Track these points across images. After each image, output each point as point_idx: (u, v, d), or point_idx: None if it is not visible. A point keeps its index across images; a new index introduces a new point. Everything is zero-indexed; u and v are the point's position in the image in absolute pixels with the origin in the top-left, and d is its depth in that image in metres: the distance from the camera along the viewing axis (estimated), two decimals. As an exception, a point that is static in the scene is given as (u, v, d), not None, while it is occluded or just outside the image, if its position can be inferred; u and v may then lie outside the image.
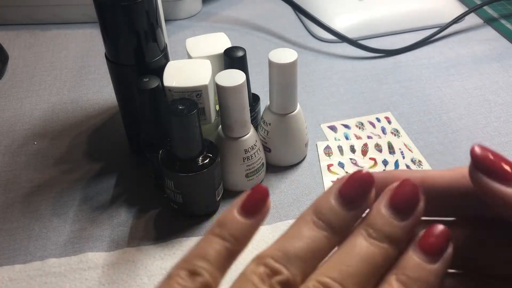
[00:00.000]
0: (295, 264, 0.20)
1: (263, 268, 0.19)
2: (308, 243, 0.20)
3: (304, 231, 0.20)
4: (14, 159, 0.48)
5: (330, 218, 0.20)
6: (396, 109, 0.52)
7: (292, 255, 0.20)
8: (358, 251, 0.20)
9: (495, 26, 0.65)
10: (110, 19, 0.38)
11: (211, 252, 0.20)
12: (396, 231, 0.20)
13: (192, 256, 0.20)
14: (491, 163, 0.19)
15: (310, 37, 0.64)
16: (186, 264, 0.20)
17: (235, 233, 0.21)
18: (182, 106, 0.35)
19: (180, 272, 0.20)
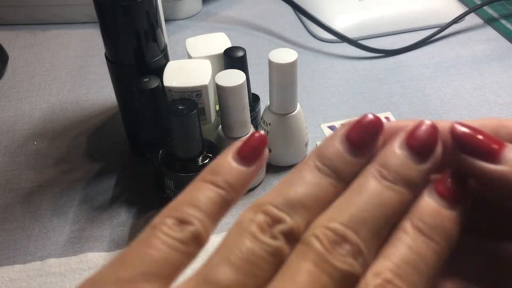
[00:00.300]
0: (299, 212, 0.17)
1: (262, 216, 0.17)
2: (313, 189, 0.18)
3: (307, 176, 0.18)
4: (14, 159, 0.48)
5: (336, 164, 0.18)
6: (396, 109, 0.52)
7: (296, 202, 0.17)
8: (371, 194, 0.17)
9: (495, 26, 0.65)
10: (110, 19, 0.38)
11: (203, 199, 0.18)
12: (413, 174, 0.18)
13: (181, 203, 0.18)
14: (476, 142, 0.18)
15: (310, 37, 0.64)
16: (173, 211, 0.18)
17: (230, 180, 0.18)
18: (182, 106, 0.35)
19: (166, 220, 0.17)
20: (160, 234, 0.17)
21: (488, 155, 0.18)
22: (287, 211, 0.17)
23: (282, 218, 0.17)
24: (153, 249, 0.16)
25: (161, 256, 0.16)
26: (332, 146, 0.19)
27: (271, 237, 0.17)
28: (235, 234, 0.17)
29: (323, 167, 0.18)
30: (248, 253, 0.16)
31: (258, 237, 0.17)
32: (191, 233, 0.17)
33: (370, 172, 0.18)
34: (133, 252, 0.17)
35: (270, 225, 0.17)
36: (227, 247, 0.17)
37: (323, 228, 0.17)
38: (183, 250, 0.17)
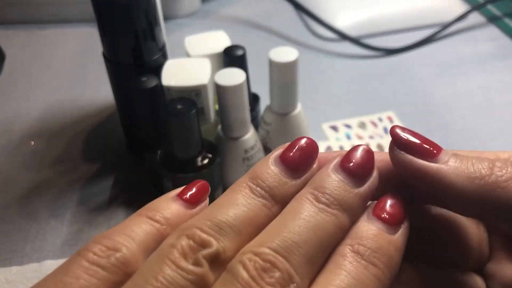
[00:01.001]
0: (228, 236, 0.16)
1: (185, 240, 0.16)
2: (243, 211, 0.17)
3: (239, 198, 0.17)
4: (11, 159, 0.47)
5: (270, 184, 0.18)
6: (399, 109, 0.51)
7: (224, 224, 0.16)
8: (304, 217, 0.16)
9: (499, 24, 0.64)
10: (108, 17, 0.38)
11: (137, 230, 0.17)
12: (349, 197, 0.17)
13: (113, 232, 0.17)
14: (415, 143, 0.18)
15: (311, 35, 0.63)
16: (103, 238, 0.17)
17: (167, 216, 0.18)
18: (181, 106, 0.34)
19: (93, 246, 0.16)
20: (82, 261, 0.16)
21: (425, 154, 0.18)
22: (214, 234, 0.16)
23: (208, 241, 0.16)
24: (72, 278, 0.15)
25: (79, 285, 0.15)
26: (266, 166, 0.18)
27: (194, 263, 0.15)
28: (153, 261, 0.15)
29: (256, 188, 0.17)
30: (166, 282, 0.15)
31: (179, 264, 0.15)
32: (117, 259, 0.16)
33: (304, 195, 0.17)
34: (51, 280, 0.16)
35: (194, 249, 0.15)
36: (142, 276, 0.15)
37: (250, 254, 0.15)
38: (106, 278, 0.16)
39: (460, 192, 0.17)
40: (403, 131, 0.18)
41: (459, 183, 0.17)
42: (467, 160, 0.18)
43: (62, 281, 0.15)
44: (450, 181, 0.17)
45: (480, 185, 0.17)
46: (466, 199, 0.17)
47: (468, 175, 0.17)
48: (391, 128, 0.19)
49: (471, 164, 0.18)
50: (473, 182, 0.17)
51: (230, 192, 0.18)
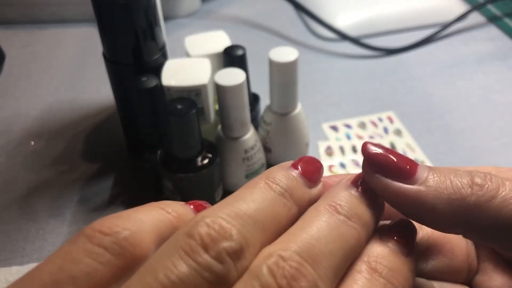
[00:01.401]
0: (252, 228, 0.15)
1: (205, 228, 0.14)
2: (266, 205, 0.16)
3: (257, 193, 0.16)
4: (11, 159, 0.47)
5: (287, 184, 0.17)
6: (399, 109, 0.51)
7: (246, 216, 0.15)
8: (329, 226, 0.16)
9: (499, 24, 0.64)
10: (108, 17, 0.38)
11: (150, 216, 0.16)
12: (366, 213, 0.17)
13: (122, 213, 0.16)
14: (389, 161, 0.17)
15: (311, 35, 0.63)
16: (111, 218, 0.15)
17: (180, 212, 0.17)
18: (181, 106, 0.34)
19: (100, 225, 0.15)
20: (85, 242, 0.14)
21: (401, 174, 0.17)
22: (237, 224, 0.14)
23: (229, 231, 0.14)
24: (72, 263, 0.14)
25: (80, 271, 0.14)
26: (281, 169, 0.18)
27: (215, 258, 0.13)
28: (166, 253, 0.13)
29: (276, 186, 0.17)
30: (179, 281, 0.12)
31: (197, 258, 0.13)
32: (124, 239, 0.14)
33: (323, 205, 0.17)
34: (47, 267, 0.14)
35: (216, 240, 0.13)
36: (151, 271, 0.13)
37: (278, 258, 0.14)
38: (110, 263, 0.14)
39: (441, 214, 0.17)
40: (376, 148, 0.18)
41: (440, 205, 0.17)
42: (445, 177, 0.17)
43: (61, 268, 0.14)
44: (430, 204, 0.17)
45: (461, 207, 0.16)
46: (448, 220, 0.17)
47: (448, 197, 0.17)
48: (363, 145, 0.18)
49: (450, 182, 0.17)
50: (454, 204, 0.17)
51: (246, 188, 0.16)
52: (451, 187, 0.17)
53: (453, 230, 0.18)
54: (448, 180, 0.17)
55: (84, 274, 0.13)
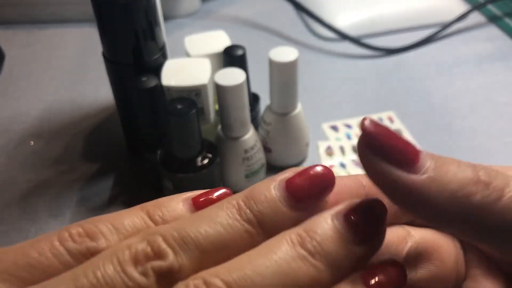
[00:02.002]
0: (190, 253, 0.14)
1: (143, 245, 0.14)
2: (218, 232, 0.15)
3: (221, 215, 0.15)
4: (11, 159, 0.47)
5: (263, 210, 0.15)
6: (399, 109, 0.51)
7: (191, 241, 0.15)
8: (277, 259, 0.14)
9: (499, 24, 0.64)
10: (108, 17, 0.38)
11: (126, 223, 0.16)
12: (342, 253, 0.15)
13: (102, 219, 0.16)
14: (392, 144, 0.15)
15: (311, 35, 0.63)
16: (87, 223, 0.16)
17: (167, 218, 0.17)
18: (180, 106, 0.34)
19: (74, 228, 0.16)
20: (54, 239, 0.15)
21: (404, 160, 0.15)
22: (175, 247, 0.14)
23: (165, 253, 0.14)
24: (36, 252, 0.15)
25: (39, 262, 0.15)
26: (266, 188, 0.16)
27: (141, 273, 0.14)
28: (103, 256, 0.14)
29: (245, 210, 0.15)
30: (103, 281, 0.14)
31: (125, 267, 0.14)
32: (87, 249, 0.15)
33: (289, 234, 0.15)
34: (18, 248, 0.15)
35: (148, 258, 0.14)
36: (84, 267, 0.14)
37: (200, 280, 0.14)
38: (68, 265, 0.15)
39: (440, 211, 0.15)
40: (377, 128, 0.15)
41: (441, 201, 0.15)
42: (448, 168, 0.15)
43: (24, 252, 0.15)
44: (430, 198, 0.15)
45: (463, 205, 0.15)
46: (446, 218, 0.15)
47: (450, 194, 0.15)
48: (362, 120, 0.15)
49: (453, 175, 0.15)
50: (456, 201, 0.15)
51: (216, 206, 0.16)
52: (455, 181, 0.15)
53: (450, 228, 0.16)
54: (452, 172, 0.15)
55: (42, 267, 0.15)
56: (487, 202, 0.15)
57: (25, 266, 0.15)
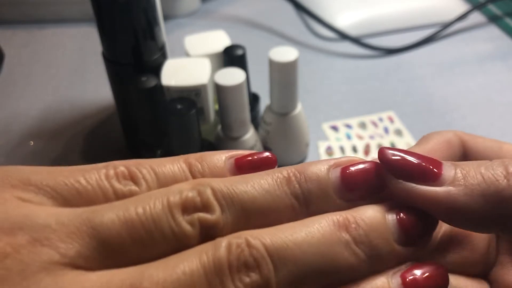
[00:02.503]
0: (235, 212, 0.15)
1: (194, 194, 0.15)
2: (265, 199, 0.15)
3: (270, 183, 0.15)
4: (10, 159, 0.47)
5: (312, 189, 0.15)
6: (399, 109, 0.51)
7: (238, 201, 0.15)
8: (319, 239, 0.14)
9: (499, 24, 0.64)
10: (108, 17, 0.38)
11: (167, 171, 0.16)
12: (384, 249, 0.15)
13: (147, 162, 0.16)
14: (411, 164, 0.16)
15: (311, 35, 0.63)
16: (131, 165, 0.16)
17: (207, 172, 0.17)
18: (180, 106, 0.34)
19: (119, 166, 0.16)
20: (101, 173, 0.15)
21: (427, 177, 0.15)
22: (223, 203, 0.15)
23: (213, 207, 0.15)
24: (85, 180, 0.15)
25: (86, 191, 0.15)
26: (320, 170, 0.16)
27: (188, 221, 0.14)
28: (156, 193, 0.15)
29: (295, 184, 0.15)
30: (151, 218, 0.14)
31: (173, 211, 0.14)
32: (130, 191, 0.15)
33: (336, 216, 0.15)
34: (68, 170, 0.16)
35: (196, 207, 0.14)
36: (138, 199, 0.15)
37: (243, 240, 0.14)
38: (110, 200, 0.15)
39: (476, 214, 0.15)
40: (394, 153, 0.16)
41: (473, 204, 0.15)
42: (475, 171, 0.15)
43: (73, 176, 0.15)
44: (462, 204, 0.15)
45: (497, 201, 0.15)
46: (484, 219, 0.15)
47: (481, 193, 0.15)
48: (379, 152, 0.16)
49: (481, 176, 0.15)
50: (489, 200, 0.15)
51: (267, 173, 0.16)
52: (483, 181, 0.15)
53: (491, 229, 0.16)
54: (479, 174, 0.15)
55: (87, 195, 0.15)
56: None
57: (72, 189, 0.15)
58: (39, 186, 0.15)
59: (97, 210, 0.14)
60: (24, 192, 0.15)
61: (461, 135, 0.19)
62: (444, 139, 0.19)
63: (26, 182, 0.15)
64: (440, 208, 0.15)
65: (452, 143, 0.19)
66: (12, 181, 0.15)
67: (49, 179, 0.15)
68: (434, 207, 0.16)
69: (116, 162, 0.16)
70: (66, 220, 0.14)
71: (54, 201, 0.15)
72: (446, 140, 0.19)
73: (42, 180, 0.15)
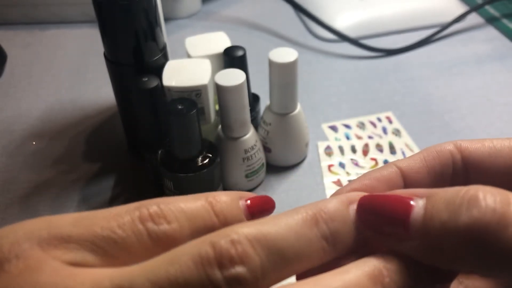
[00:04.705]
0: (274, 265, 0.14)
1: (228, 245, 0.14)
2: (301, 245, 0.15)
3: (302, 227, 0.15)
4: (12, 159, 0.47)
5: (339, 228, 0.16)
6: (398, 109, 0.52)
7: (276, 250, 0.14)
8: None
9: (497, 25, 0.64)
10: (109, 18, 0.38)
11: (194, 211, 0.16)
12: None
13: (176, 201, 0.16)
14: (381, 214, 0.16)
15: (310, 36, 0.64)
16: (162, 204, 0.16)
17: (225, 214, 0.17)
18: (181, 106, 0.34)
19: (152, 207, 0.16)
20: (135, 216, 0.15)
21: (396, 223, 0.16)
22: (262, 254, 0.14)
23: (251, 261, 0.14)
24: (118, 227, 0.15)
25: (121, 237, 0.15)
26: (339, 207, 0.16)
27: (226, 279, 0.13)
28: (186, 249, 0.14)
29: (323, 225, 0.15)
30: (184, 280, 0.13)
31: (208, 270, 0.13)
32: (165, 232, 0.15)
33: (368, 267, 0.15)
34: (100, 215, 0.16)
35: (232, 261, 0.14)
36: (170, 256, 0.14)
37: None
38: (145, 245, 0.15)
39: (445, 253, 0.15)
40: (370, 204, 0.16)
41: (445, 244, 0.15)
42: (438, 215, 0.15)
43: (107, 224, 0.15)
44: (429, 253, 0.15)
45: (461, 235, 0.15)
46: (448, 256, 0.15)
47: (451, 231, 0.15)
48: (360, 202, 0.16)
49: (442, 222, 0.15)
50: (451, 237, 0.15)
51: (293, 212, 0.16)
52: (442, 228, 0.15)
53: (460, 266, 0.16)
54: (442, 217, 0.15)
55: (122, 243, 0.15)
56: None
57: (109, 240, 0.15)
58: (79, 243, 0.15)
59: (131, 275, 0.14)
60: (68, 251, 0.15)
61: (461, 143, 0.19)
62: (436, 150, 0.19)
63: (67, 239, 0.15)
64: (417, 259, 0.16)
65: (444, 153, 0.19)
66: (53, 241, 0.15)
67: (88, 233, 0.15)
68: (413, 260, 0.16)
69: (148, 202, 0.16)
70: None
71: (96, 255, 0.15)
72: (438, 151, 0.19)
73: (81, 235, 0.15)
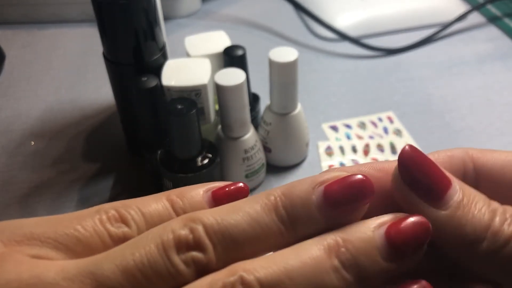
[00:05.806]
0: (227, 245, 0.15)
1: (186, 232, 0.15)
2: (256, 230, 0.15)
3: (258, 213, 0.16)
4: (11, 159, 0.47)
5: (299, 213, 0.16)
6: (398, 109, 0.51)
7: (229, 236, 0.15)
8: (312, 265, 0.15)
9: (498, 25, 0.64)
10: (108, 17, 0.38)
11: (153, 210, 0.17)
12: (373, 269, 0.15)
13: (133, 203, 0.17)
14: (422, 175, 0.16)
15: (311, 35, 0.64)
16: (120, 207, 0.17)
17: (188, 209, 0.18)
18: (181, 106, 0.34)
19: (110, 210, 0.17)
20: (96, 219, 0.16)
21: (431, 194, 0.16)
22: (215, 241, 0.15)
23: (206, 248, 0.15)
24: (83, 229, 0.16)
25: (85, 237, 0.16)
26: (304, 191, 0.16)
27: (183, 261, 0.15)
28: (149, 234, 0.15)
29: (282, 211, 0.16)
30: (147, 263, 0.15)
31: (168, 254, 0.15)
32: (123, 234, 0.16)
33: (325, 241, 0.15)
34: (66, 219, 0.17)
35: (189, 246, 0.15)
36: (134, 244, 0.15)
37: (237, 278, 0.14)
38: (108, 246, 0.16)
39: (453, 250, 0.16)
40: (413, 156, 0.16)
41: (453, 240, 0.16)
42: (470, 206, 0.16)
43: (71, 225, 0.16)
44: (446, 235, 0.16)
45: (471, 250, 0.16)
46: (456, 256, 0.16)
47: (463, 236, 0.16)
48: (402, 149, 0.16)
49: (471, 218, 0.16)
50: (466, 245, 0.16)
51: (253, 201, 0.16)
52: (469, 225, 0.16)
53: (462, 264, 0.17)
54: (470, 215, 0.16)
55: (86, 242, 0.16)
56: (492, 249, 0.16)
57: (72, 238, 0.16)
58: (42, 240, 0.16)
59: (98, 261, 0.15)
60: (31, 247, 0.16)
61: (472, 152, 0.19)
62: (447, 155, 0.19)
63: (30, 236, 0.16)
64: (432, 231, 0.16)
65: (456, 159, 0.19)
66: (16, 237, 0.16)
67: (50, 231, 0.16)
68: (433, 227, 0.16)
69: (105, 206, 0.17)
70: (71, 275, 0.15)
71: (58, 251, 0.16)
72: (449, 155, 0.19)
73: (44, 233, 0.16)
